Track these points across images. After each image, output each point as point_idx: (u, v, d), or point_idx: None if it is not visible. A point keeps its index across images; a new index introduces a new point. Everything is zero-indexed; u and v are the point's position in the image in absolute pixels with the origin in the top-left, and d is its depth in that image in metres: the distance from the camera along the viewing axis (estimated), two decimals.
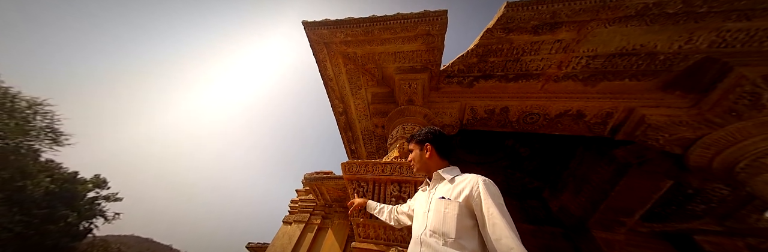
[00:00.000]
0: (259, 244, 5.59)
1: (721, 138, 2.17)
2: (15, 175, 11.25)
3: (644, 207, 3.47)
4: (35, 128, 11.21)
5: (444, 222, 0.99)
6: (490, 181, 1.06)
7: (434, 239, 0.98)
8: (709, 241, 3.62)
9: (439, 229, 0.99)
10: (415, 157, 1.34)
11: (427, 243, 0.99)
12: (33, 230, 11.81)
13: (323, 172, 3.92)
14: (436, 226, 1.00)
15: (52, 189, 13.18)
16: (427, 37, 2.41)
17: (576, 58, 2.43)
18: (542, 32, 2.22)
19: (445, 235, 0.96)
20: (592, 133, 2.85)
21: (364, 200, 1.88)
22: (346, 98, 3.32)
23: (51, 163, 14.46)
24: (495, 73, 2.72)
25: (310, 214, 4.51)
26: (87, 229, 15.37)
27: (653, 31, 2.11)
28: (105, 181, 17.21)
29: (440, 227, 0.99)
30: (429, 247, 0.97)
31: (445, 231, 0.96)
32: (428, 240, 0.99)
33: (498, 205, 0.95)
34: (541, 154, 4.40)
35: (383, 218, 1.64)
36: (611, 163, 3.41)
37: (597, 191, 3.66)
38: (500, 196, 1.01)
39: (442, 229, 0.97)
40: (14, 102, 10.74)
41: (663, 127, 2.41)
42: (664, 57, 2.30)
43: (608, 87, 2.63)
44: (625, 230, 3.77)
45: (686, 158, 2.40)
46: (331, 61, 2.89)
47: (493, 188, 1.02)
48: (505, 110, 2.92)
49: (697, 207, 3.61)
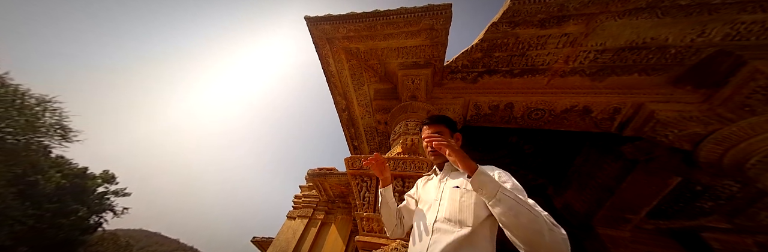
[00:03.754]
0: (264, 239, 5.66)
1: (733, 133, 2.12)
2: (27, 170, 11.53)
3: (651, 204, 3.42)
4: (45, 125, 11.40)
5: (460, 210, 0.96)
6: (506, 172, 1.04)
7: (449, 226, 0.93)
8: (717, 239, 3.57)
9: (454, 217, 0.95)
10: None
11: (441, 230, 0.94)
12: (46, 224, 12.14)
13: (326, 169, 3.92)
14: (452, 215, 0.96)
15: (63, 184, 13.49)
16: (431, 31, 2.37)
17: (584, 52, 2.38)
18: (549, 26, 2.17)
19: (461, 223, 0.92)
20: (599, 129, 2.80)
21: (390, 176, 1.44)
22: (349, 94, 3.30)
23: (61, 159, 14.77)
24: (500, 69, 2.67)
25: (314, 209, 4.54)
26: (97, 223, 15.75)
27: (665, 24, 2.05)
28: (113, 176, 17.55)
29: (456, 215, 0.95)
30: (445, 234, 0.92)
31: (462, 219, 0.93)
32: (443, 227, 0.95)
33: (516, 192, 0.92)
34: (546, 151, 4.35)
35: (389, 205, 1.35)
36: (618, 159, 3.36)
37: (602, 188, 3.61)
38: (520, 188, 0.97)
39: (459, 217, 0.94)
40: (24, 99, 10.91)
41: (673, 122, 2.36)
42: (675, 50, 2.24)
43: (616, 82, 2.57)
44: (630, 227, 3.73)
45: (696, 154, 2.35)
46: (333, 57, 2.86)
47: (508, 177, 1.01)
48: (510, 106, 2.87)
49: (705, 204, 3.55)
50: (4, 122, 10.10)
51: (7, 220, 10.38)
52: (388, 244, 1.85)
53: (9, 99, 10.38)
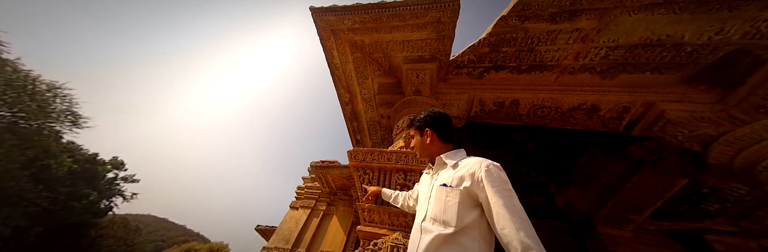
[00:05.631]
0: (268, 227, 5.78)
1: (746, 135, 2.06)
2: (39, 154, 11.86)
3: (655, 204, 3.38)
4: (55, 111, 11.64)
5: (445, 210, 0.95)
6: (495, 166, 0.97)
7: (435, 227, 0.94)
8: (721, 241, 3.53)
9: (439, 217, 0.96)
10: (416, 143, 1.28)
11: (428, 230, 0.96)
12: (58, 206, 12.57)
13: (329, 161, 3.95)
14: (437, 214, 0.97)
15: (75, 169, 13.88)
16: (438, 24, 2.31)
17: (595, 48, 2.30)
18: (560, 20, 2.09)
19: (445, 223, 0.92)
20: (606, 128, 2.75)
21: (378, 188, 1.85)
22: (353, 88, 3.28)
23: (72, 145, 15.15)
24: (507, 64, 2.61)
25: (316, 200, 4.60)
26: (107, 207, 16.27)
27: (682, 21, 1.96)
28: (123, 163, 18.00)
29: (441, 215, 0.95)
30: (429, 234, 0.94)
31: (446, 219, 0.93)
32: (429, 227, 0.96)
33: (501, 191, 0.88)
34: (549, 149, 4.30)
35: (399, 205, 1.60)
36: (624, 159, 3.30)
37: (606, 187, 3.57)
38: (506, 181, 0.93)
39: (443, 218, 0.94)
40: (35, 85, 11.11)
41: (683, 122, 2.30)
42: (691, 48, 2.15)
43: (627, 80, 2.50)
44: (632, 227, 3.70)
45: (705, 156, 2.29)
46: (338, 50, 2.83)
47: (498, 173, 0.94)
48: (516, 103, 2.83)
49: (711, 206, 3.49)
50: (17, 107, 10.34)
51: (21, 201, 10.78)
52: (388, 235, 1.88)
53: (21, 84, 10.58)
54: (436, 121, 1.24)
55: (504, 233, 0.80)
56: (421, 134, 1.25)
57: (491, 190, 0.89)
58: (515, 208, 0.85)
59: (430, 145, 1.22)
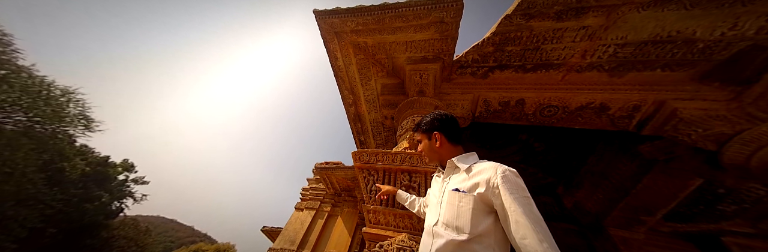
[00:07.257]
0: (273, 228, 5.80)
1: (764, 134, 1.98)
2: (54, 157, 12.17)
3: (668, 206, 3.28)
4: (69, 115, 11.93)
5: (458, 216, 0.93)
6: (512, 172, 0.94)
7: (448, 232, 0.92)
8: (739, 244, 3.41)
9: (452, 223, 0.93)
10: (424, 147, 1.24)
11: (440, 235, 0.94)
12: (72, 208, 12.88)
13: (333, 162, 3.95)
14: (449, 220, 0.95)
15: (87, 171, 14.20)
16: (441, 24, 2.29)
17: (602, 46, 2.25)
18: (566, 18, 2.05)
19: (458, 230, 0.90)
20: (616, 127, 2.68)
21: (393, 188, 1.79)
22: (356, 89, 3.27)
23: (84, 148, 15.50)
24: (512, 63, 2.57)
25: (321, 201, 4.60)
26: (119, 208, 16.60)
27: (693, 16, 1.90)
28: (133, 165, 18.35)
29: (453, 221, 0.93)
30: (441, 239, 0.92)
31: (459, 225, 0.91)
32: (441, 232, 0.94)
33: (519, 199, 0.85)
34: (557, 149, 4.22)
35: (415, 211, 1.58)
36: (634, 159, 3.22)
37: (616, 188, 3.49)
38: (523, 188, 0.90)
39: (456, 223, 0.92)
40: (50, 90, 11.41)
41: (697, 121, 2.23)
42: (703, 45, 2.09)
43: (637, 78, 2.44)
44: (644, 229, 3.60)
45: (721, 155, 2.22)
46: (341, 52, 2.83)
47: (515, 180, 0.91)
48: (521, 102, 2.78)
49: (727, 207, 3.38)
50: (33, 112, 10.62)
51: (38, 203, 11.06)
52: (394, 237, 1.86)
53: (36, 90, 10.88)
54: (443, 124, 1.22)
55: (525, 243, 0.78)
56: (430, 138, 1.23)
57: (509, 197, 0.86)
58: (536, 217, 0.82)
59: (439, 149, 1.19)
